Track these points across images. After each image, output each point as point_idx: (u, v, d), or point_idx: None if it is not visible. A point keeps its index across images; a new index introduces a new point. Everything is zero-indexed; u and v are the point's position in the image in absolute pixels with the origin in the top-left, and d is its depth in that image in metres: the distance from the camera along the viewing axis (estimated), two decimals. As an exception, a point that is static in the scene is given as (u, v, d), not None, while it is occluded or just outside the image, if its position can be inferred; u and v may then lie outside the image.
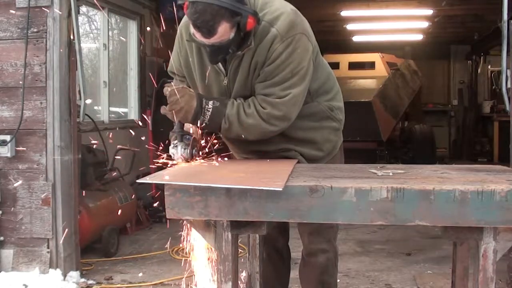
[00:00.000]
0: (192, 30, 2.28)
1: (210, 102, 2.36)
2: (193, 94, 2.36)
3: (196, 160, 2.38)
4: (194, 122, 2.38)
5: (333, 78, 2.67)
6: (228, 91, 2.46)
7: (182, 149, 2.35)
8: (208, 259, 2.40)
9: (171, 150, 2.39)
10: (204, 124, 2.38)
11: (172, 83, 2.40)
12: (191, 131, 2.47)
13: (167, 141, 2.48)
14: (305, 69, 2.38)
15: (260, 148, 2.56)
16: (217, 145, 2.52)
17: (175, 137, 2.40)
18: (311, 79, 2.47)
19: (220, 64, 2.44)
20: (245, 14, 2.22)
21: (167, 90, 2.34)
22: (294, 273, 2.92)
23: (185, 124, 2.45)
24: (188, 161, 2.36)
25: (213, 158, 2.40)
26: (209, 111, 2.36)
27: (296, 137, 2.53)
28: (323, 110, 2.56)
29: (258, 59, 2.36)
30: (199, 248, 2.44)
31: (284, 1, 2.45)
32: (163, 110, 2.38)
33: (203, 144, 2.47)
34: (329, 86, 2.62)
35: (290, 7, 2.41)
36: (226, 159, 2.46)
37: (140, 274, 4.57)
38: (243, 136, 2.42)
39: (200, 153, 2.42)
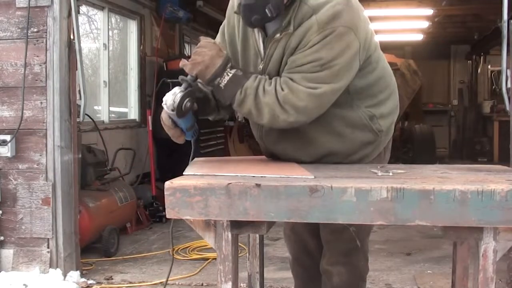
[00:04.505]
0: None
1: (234, 70, 2.17)
2: (223, 54, 2.17)
3: (182, 119, 2.18)
4: (210, 82, 2.17)
5: (385, 82, 2.36)
6: (260, 72, 2.27)
7: (175, 97, 2.12)
8: None
9: (165, 97, 2.16)
10: (219, 88, 2.17)
11: (209, 38, 2.23)
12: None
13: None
14: (340, 66, 2.12)
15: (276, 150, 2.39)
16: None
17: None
18: (357, 75, 2.22)
19: (261, 46, 2.27)
20: None
21: (201, 40, 2.19)
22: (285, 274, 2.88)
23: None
24: (170, 117, 2.18)
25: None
26: (229, 76, 2.15)
27: (318, 141, 2.29)
28: (360, 117, 2.27)
29: (291, 45, 2.17)
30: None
31: None
32: (182, 62, 2.19)
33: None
34: (377, 89, 2.32)
35: None
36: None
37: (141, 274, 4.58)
38: (253, 116, 2.20)
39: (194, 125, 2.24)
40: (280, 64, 2.23)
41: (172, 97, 2.13)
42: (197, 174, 2.03)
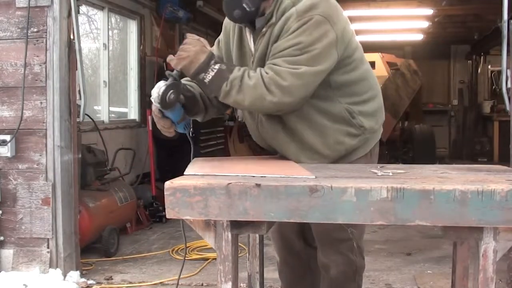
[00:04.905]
0: None
1: (218, 65, 2.29)
2: (206, 50, 2.29)
3: (169, 112, 2.28)
4: (194, 77, 2.30)
5: (369, 84, 2.50)
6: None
7: (159, 89, 2.23)
8: None
9: (152, 90, 2.28)
10: (203, 83, 2.30)
11: (194, 35, 2.35)
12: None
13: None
14: (318, 51, 2.25)
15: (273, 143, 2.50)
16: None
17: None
18: (337, 70, 2.36)
19: (252, 44, 2.43)
20: None
21: (187, 36, 2.31)
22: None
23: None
24: (159, 109, 2.28)
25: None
26: (213, 71, 2.27)
27: (303, 132, 2.39)
28: (340, 111, 2.39)
29: (273, 35, 2.33)
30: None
31: None
32: (169, 57, 2.30)
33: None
34: (359, 89, 2.45)
35: None
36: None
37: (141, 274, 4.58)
38: (240, 103, 2.30)
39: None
40: (265, 55, 2.36)
41: (156, 90, 2.24)
42: (198, 174, 2.03)
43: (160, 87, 2.24)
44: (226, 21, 2.57)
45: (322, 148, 2.42)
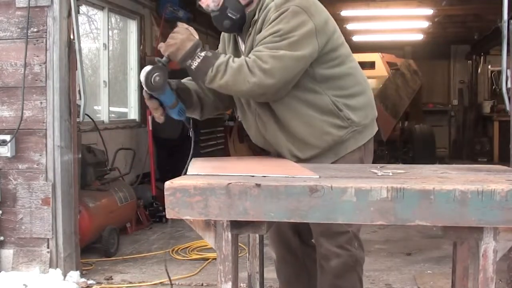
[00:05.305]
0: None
1: (204, 52, 2.39)
2: (193, 38, 2.40)
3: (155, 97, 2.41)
4: (182, 63, 2.39)
5: (355, 80, 2.58)
6: None
7: (145, 72, 2.35)
8: None
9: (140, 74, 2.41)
10: (191, 70, 2.40)
11: (184, 24, 2.47)
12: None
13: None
14: (296, 38, 2.37)
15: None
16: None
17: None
18: (322, 64, 2.47)
19: (243, 47, 2.58)
20: None
21: (178, 25, 2.43)
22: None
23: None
24: (146, 91, 2.40)
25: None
26: (200, 58, 2.37)
27: (291, 123, 2.49)
28: (326, 103, 2.49)
29: (257, 29, 2.49)
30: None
31: None
32: (160, 44, 2.41)
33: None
34: (345, 83, 2.54)
35: None
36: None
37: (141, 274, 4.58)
38: (224, 85, 2.38)
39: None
40: (251, 47, 2.49)
41: (143, 73, 2.36)
42: (201, 174, 2.03)
43: (146, 70, 2.36)
44: (222, 34, 2.76)
45: (310, 139, 2.50)
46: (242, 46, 2.61)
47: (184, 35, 2.39)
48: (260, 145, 2.72)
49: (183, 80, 2.61)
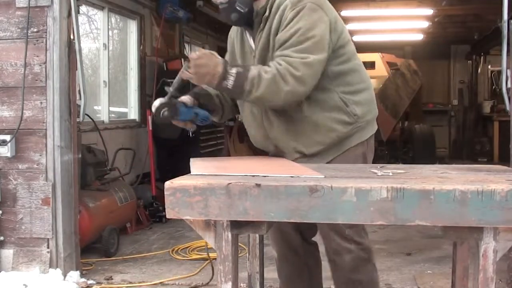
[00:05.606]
0: None
1: (234, 68, 2.41)
2: (219, 59, 2.41)
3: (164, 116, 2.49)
4: (219, 87, 2.43)
5: (360, 77, 2.64)
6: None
7: (155, 107, 2.48)
8: None
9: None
10: (228, 89, 2.42)
11: (201, 49, 2.50)
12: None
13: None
14: (319, 37, 2.41)
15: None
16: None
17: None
18: (333, 61, 2.50)
19: (252, 43, 2.61)
20: None
21: (195, 53, 2.42)
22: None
23: None
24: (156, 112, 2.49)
25: None
26: (233, 76, 2.38)
27: (298, 122, 2.53)
28: (335, 100, 2.53)
29: (272, 29, 2.49)
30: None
31: None
32: (186, 75, 2.40)
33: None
34: (351, 79, 2.59)
35: None
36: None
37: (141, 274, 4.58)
38: (262, 98, 2.42)
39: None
40: (267, 46, 2.52)
41: (153, 109, 2.50)
42: (204, 174, 2.03)
43: (155, 105, 2.49)
44: (230, 32, 2.80)
45: (315, 135, 2.54)
46: (250, 41, 2.63)
47: (211, 60, 2.39)
48: (259, 145, 2.75)
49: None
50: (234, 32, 2.77)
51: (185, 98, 2.58)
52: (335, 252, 2.63)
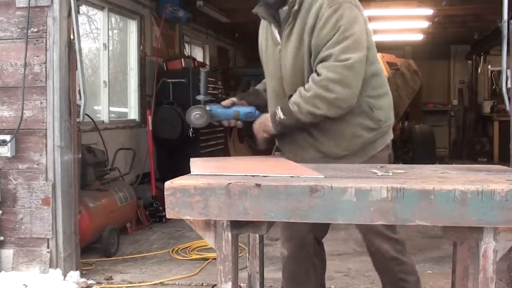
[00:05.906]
0: None
1: (277, 107, 2.55)
2: (266, 117, 2.61)
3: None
4: (277, 128, 2.57)
5: (382, 80, 2.68)
6: (280, 58, 2.60)
7: (188, 112, 2.68)
8: None
9: None
10: (284, 124, 2.54)
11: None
12: None
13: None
14: (358, 35, 2.45)
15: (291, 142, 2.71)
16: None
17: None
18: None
19: (277, 35, 2.63)
20: None
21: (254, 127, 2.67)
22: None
23: None
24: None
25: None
26: (280, 112, 2.53)
27: (323, 128, 2.56)
28: (360, 105, 2.55)
29: (307, 26, 2.50)
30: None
31: None
32: (261, 145, 2.69)
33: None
34: (375, 83, 2.62)
35: None
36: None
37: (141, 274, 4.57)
38: (312, 113, 2.47)
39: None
40: (299, 44, 2.53)
41: (187, 115, 2.70)
42: (205, 174, 2.03)
43: (188, 112, 2.70)
44: (259, 31, 2.84)
45: (340, 142, 2.58)
46: (275, 34, 2.65)
47: (260, 124, 2.64)
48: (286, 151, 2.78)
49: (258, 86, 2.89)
50: (261, 32, 2.82)
51: (226, 101, 2.72)
52: (370, 253, 2.79)
